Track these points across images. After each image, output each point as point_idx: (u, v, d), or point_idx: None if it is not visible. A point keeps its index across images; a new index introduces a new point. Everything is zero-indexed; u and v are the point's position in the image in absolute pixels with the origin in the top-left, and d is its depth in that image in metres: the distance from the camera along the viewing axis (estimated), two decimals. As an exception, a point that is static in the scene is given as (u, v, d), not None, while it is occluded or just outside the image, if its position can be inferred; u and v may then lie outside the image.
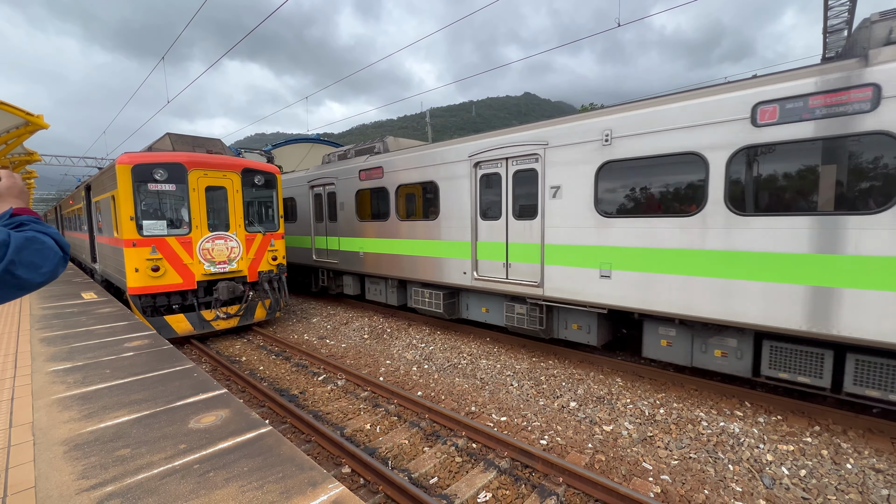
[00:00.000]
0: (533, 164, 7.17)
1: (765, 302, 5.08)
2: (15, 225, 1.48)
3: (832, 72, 4.59)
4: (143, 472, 2.76)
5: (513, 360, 7.65)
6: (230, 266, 9.56)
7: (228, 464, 2.83)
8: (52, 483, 2.68)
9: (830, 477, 4.23)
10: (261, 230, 10.12)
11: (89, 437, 3.25)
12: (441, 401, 6.30)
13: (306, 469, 2.75)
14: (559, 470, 4.29)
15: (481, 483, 4.26)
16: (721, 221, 5.35)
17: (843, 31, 11.18)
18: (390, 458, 4.83)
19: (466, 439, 5.09)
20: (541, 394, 6.35)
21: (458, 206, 8.43)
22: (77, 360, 5.12)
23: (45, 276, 1.40)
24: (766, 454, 4.61)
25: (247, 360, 8.50)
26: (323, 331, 10.39)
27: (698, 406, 5.69)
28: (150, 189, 8.66)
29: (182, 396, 3.97)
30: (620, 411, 5.71)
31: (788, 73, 4.94)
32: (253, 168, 10.00)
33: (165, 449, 3.04)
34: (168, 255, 8.77)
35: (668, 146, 5.70)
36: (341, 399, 6.45)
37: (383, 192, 10.13)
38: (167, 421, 3.48)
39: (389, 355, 8.40)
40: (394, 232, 9.93)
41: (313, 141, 18.92)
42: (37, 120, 12.19)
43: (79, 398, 4.00)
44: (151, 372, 4.67)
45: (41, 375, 4.65)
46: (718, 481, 4.27)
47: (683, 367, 6.90)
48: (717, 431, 5.08)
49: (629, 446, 4.94)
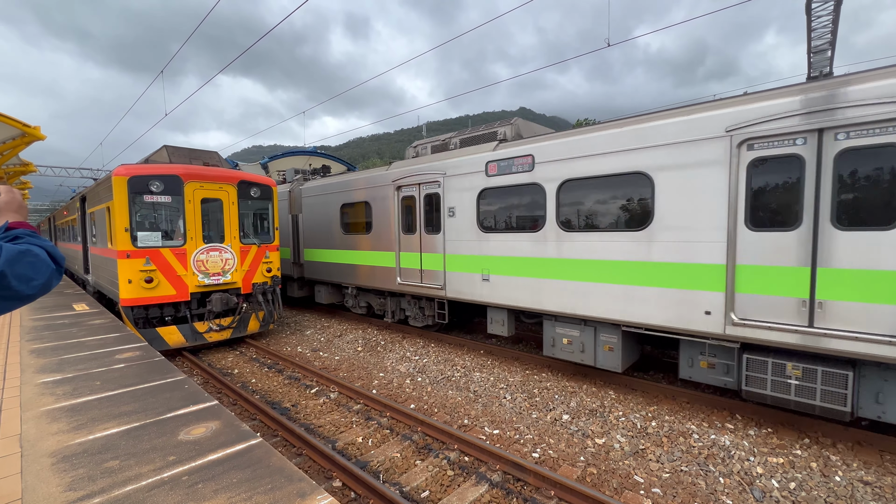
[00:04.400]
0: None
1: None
2: (10, 238, 1.53)
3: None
4: (131, 484, 2.75)
5: (506, 372, 7.65)
6: (224, 278, 9.55)
7: (217, 475, 2.83)
8: (39, 495, 2.67)
9: (820, 489, 4.26)
10: (256, 242, 10.14)
11: (77, 448, 3.23)
12: (434, 414, 6.28)
13: (295, 480, 2.75)
14: (551, 483, 4.29)
15: (473, 496, 4.24)
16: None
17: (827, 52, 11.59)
18: (382, 471, 4.80)
19: (459, 452, 5.08)
20: (534, 406, 6.35)
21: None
22: (67, 372, 5.09)
23: (37, 288, 1.43)
24: (756, 467, 4.64)
25: (239, 373, 8.43)
26: (316, 343, 10.35)
27: (690, 419, 5.71)
28: (145, 200, 8.70)
29: (172, 408, 3.96)
30: (613, 424, 5.71)
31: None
32: (249, 180, 10.07)
33: (154, 461, 3.03)
34: (162, 266, 8.76)
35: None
36: (334, 412, 6.41)
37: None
38: (157, 433, 3.47)
39: (383, 368, 8.38)
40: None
41: (310, 153, 19.06)
42: (33, 131, 12.25)
43: (68, 410, 3.97)
44: (142, 384, 4.64)
45: (30, 387, 4.61)
46: (709, 494, 4.28)
47: (674, 380, 6.96)
48: (708, 444, 5.10)
49: (621, 459, 4.94)
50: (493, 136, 8.31)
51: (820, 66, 9.64)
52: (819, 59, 10.41)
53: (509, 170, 7.48)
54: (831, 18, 6.80)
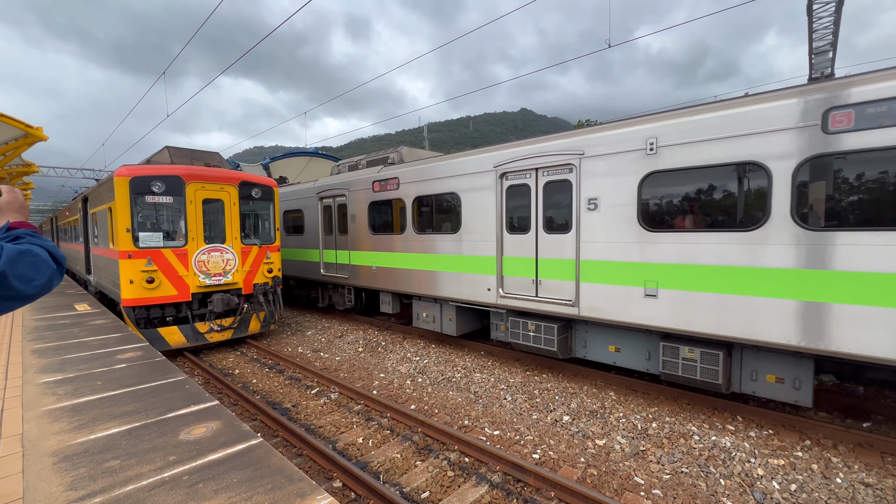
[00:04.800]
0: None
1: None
2: (11, 238, 1.53)
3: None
4: (131, 484, 2.76)
5: (507, 373, 7.65)
6: (225, 278, 9.56)
7: (218, 475, 2.83)
8: (40, 494, 2.67)
9: (821, 491, 4.25)
10: (257, 242, 10.16)
11: (79, 448, 3.24)
12: (434, 414, 6.29)
13: (295, 480, 2.76)
14: (551, 484, 4.28)
15: (473, 497, 4.24)
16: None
17: (829, 53, 11.59)
18: (382, 471, 4.80)
19: (459, 453, 5.08)
20: (534, 407, 6.34)
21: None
22: (69, 372, 5.10)
23: (38, 288, 1.43)
24: (757, 468, 4.63)
25: (240, 373, 8.44)
26: (317, 343, 10.36)
27: (690, 420, 5.70)
28: (147, 201, 8.72)
29: (173, 408, 3.97)
30: (613, 425, 5.71)
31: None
32: (250, 181, 10.09)
33: (155, 460, 3.04)
34: (163, 266, 8.78)
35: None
36: (334, 412, 6.42)
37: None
38: (157, 432, 3.48)
39: (384, 368, 8.38)
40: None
41: (311, 154, 19.10)
42: (36, 132, 12.29)
43: (69, 410, 3.98)
44: (143, 384, 4.66)
45: (32, 387, 4.62)
46: (710, 496, 4.27)
47: (674, 382, 6.94)
48: (708, 445, 5.09)
49: (621, 460, 4.93)
50: (385, 160, 10.56)
51: (822, 67, 9.63)
52: (821, 59, 10.41)
53: (385, 188, 9.92)
54: (833, 20, 6.80)
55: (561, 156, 6.75)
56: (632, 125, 6.03)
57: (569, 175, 6.71)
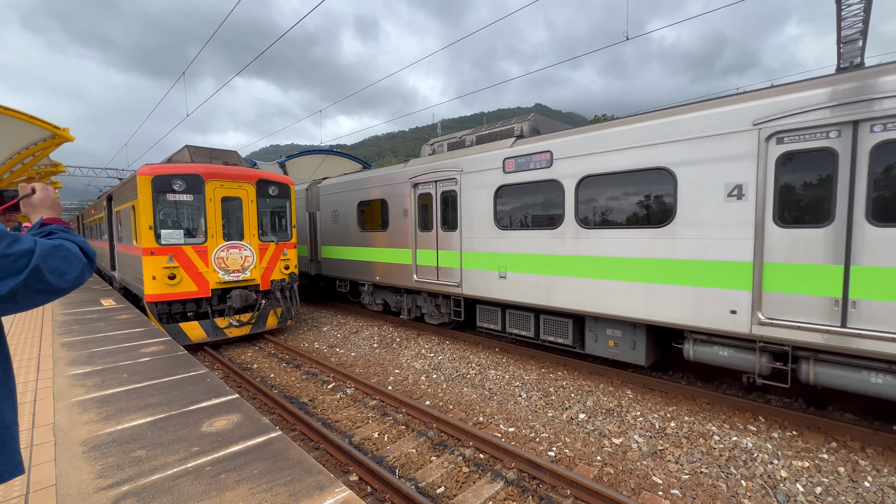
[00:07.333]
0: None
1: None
2: (45, 234, 1.59)
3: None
4: (157, 473, 2.84)
5: (521, 370, 7.62)
6: (244, 275, 9.75)
7: (239, 466, 2.90)
8: (71, 482, 2.78)
9: (848, 495, 4.12)
10: (274, 239, 10.32)
11: (107, 438, 3.35)
12: (449, 410, 6.31)
13: (314, 473, 2.80)
14: (567, 482, 4.26)
15: (488, 494, 4.25)
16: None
17: (858, 42, 11.06)
18: (397, 466, 4.84)
19: (474, 449, 5.08)
20: (549, 405, 6.31)
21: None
22: (96, 365, 5.28)
23: (70, 281, 1.48)
24: (780, 470, 4.51)
25: (258, 368, 8.61)
26: (333, 339, 10.49)
27: (710, 420, 5.59)
28: (168, 199, 8.93)
29: (195, 401, 4.07)
30: (630, 424, 5.64)
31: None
32: (267, 179, 10.24)
33: (179, 451, 3.13)
34: (184, 263, 8.99)
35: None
36: (350, 407, 6.49)
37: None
38: (181, 424, 3.58)
39: (398, 364, 8.44)
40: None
41: (326, 152, 19.25)
42: (63, 133, 12.70)
43: (97, 401, 4.12)
44: (166, 377, 4.79)
45: (62, 379, 4.80)
46: (731, 497, 4.18)
47: (694, 380, 6.84)
48: (729, 446, 4.99)
49: (639, 459, 4.87)
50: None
51: (851, 57, 9.25)
52: (849, 49, 10.00)
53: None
54: (863, 6, 6.53)
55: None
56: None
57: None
